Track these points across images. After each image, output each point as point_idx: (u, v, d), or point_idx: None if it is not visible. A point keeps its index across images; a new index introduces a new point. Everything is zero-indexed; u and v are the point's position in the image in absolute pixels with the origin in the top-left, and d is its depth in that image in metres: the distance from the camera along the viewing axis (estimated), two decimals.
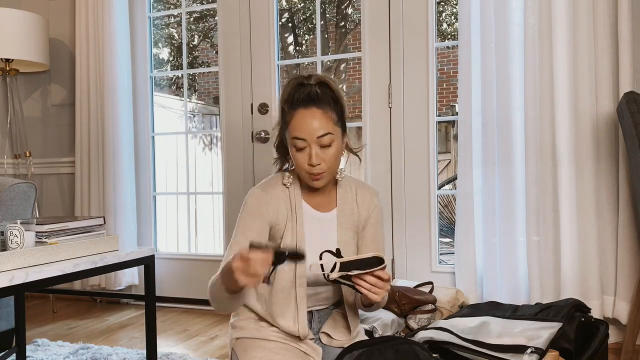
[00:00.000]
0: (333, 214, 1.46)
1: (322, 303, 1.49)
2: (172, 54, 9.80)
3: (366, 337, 1.52)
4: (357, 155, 1.52)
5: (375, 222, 1.50)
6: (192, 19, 9.42)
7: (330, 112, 1.36)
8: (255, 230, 1.39)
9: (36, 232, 1.60)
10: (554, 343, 1.76)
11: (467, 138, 2.55)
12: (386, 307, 2.25)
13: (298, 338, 1.43)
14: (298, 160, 1.37)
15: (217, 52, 3.44)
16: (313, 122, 1.34)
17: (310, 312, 1.47)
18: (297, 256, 1.19)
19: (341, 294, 1.49)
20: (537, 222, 2.41)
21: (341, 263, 1.23)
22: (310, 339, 1.46)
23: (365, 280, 1.23)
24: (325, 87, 1.38)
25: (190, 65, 9.62)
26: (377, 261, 1.23)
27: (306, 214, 1.44)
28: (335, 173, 1.42)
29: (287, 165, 1.50)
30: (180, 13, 3.59)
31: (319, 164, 1.34)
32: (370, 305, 1.43)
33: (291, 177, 1.44)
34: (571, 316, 1.87)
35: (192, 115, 8.56)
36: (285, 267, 1.39)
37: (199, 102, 9.79)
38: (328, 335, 1.47)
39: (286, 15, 9.54)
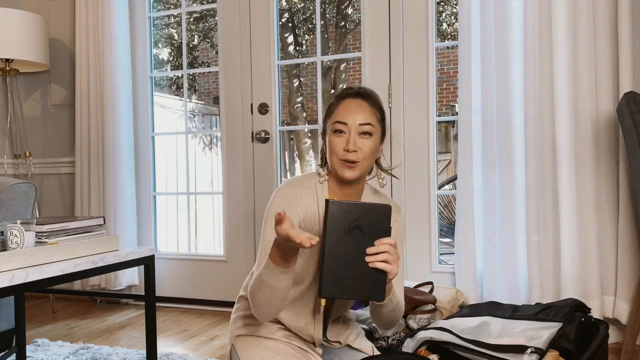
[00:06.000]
0: None
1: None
2: (172, 54, 9.81)
3: (366, 339, 1.52)
4: (391, 174, 1.51)
5: (394, 236, 1.49)
6: (192, 19, 9.42)
7: (375, 110, 1.38)
8: None
9: (36, 232, 1.60)
10: (554, 343, 1.76)
11: (467, 138, 2.55)
12: None
13: (301, 338, 1.43)
14: (335, 145, 1.35)
15: (217, 52, 3.44)
16: (358, 109, 1.36)
17: None
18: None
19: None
20: (537, 222, 2.41)
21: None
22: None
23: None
24: (373, 93, 1.42)
25: (190, 65, 9.62)
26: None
27: None
28: (366, 170, 1.40)
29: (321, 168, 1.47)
30: (180, 13, 3.59)
31: (355, 151, 1.33)
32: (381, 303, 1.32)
33: (325, 174, 1.42)
34: (571, 316, 1.87)
35: (192, 115, 8.56)
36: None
37: (199, 102, 9.79)
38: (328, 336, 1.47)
39: (286, 15, 9.53)
